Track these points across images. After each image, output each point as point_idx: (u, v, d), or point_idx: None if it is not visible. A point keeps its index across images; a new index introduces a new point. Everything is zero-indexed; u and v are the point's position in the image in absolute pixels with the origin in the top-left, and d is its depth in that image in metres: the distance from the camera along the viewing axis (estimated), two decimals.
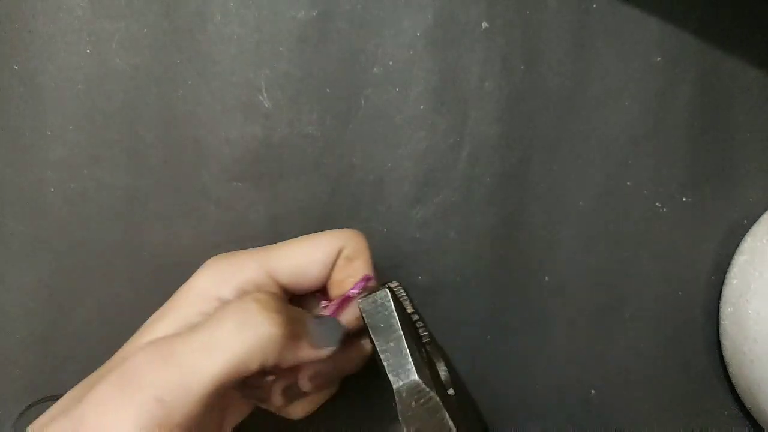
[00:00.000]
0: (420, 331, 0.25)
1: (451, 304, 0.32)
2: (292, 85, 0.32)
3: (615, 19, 0.32)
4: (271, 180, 0.32)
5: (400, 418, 0.22)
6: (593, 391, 0.32)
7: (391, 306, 0.22)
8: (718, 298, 0.32)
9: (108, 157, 0.32)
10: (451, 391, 0.24)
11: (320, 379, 0.26)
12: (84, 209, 0.32)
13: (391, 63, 0.32)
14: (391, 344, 0.22)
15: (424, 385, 0.21)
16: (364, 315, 0.23)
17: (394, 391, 0.22)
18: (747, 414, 0.32)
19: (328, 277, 0.26)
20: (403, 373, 0.21)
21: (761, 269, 0.29)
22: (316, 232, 0.28)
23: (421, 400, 0.21)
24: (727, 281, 0.31)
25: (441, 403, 0.21)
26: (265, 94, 0.32)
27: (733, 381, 0.31)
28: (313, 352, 0.23)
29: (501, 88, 0.32)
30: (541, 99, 0.32)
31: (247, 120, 0.32)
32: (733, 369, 0.31)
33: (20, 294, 0.32)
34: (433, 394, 0.21)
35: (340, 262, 0.26)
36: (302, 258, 0.26)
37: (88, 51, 0.31)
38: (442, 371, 0.24)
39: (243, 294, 0.24)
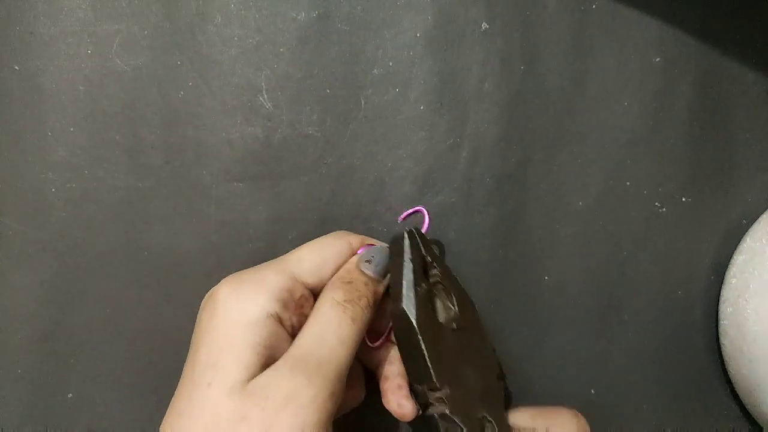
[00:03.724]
0: (434, 271, 0.28)
1: None
2: (292, 85, 0.32)
3: (614, 19, 0.32)
4: (271, 180, 0.32)
5: (394, 339, 0.26)
6: (593, 391, 0.32)
7: (403, 243, 0.27)
8: (718, 298, 0.32)
9: (109, 157, 0.32)
10: (454, 326, 0.27)
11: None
12: (85, 210, 0.32)
13: (391, 64, 0.32)
14: (396, 276, 0.26)
15: (406, 311, 0.25)
16: (390, 247, 0.28)
17: (390, 313, 0.26)
18: (746, 413, 0.32)
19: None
20: (397, 299, 0.25)
21: (760, 269, 0.29)
22: (317, 232, 0.29)
23: (405, 324, 0.25)
24: (726, 281, 0.31)
25: (417, 330, 0.25)
26: (265, 95, 0.32)
27: (733, 380, 0.31)
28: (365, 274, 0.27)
29: (500, 89, 0.32)
30: (540, 99, 0.32)
31: (247, 120, 0.32)
32: (732, 368, 0.31)
33: (22, 294, 0.32)
34: (413, 320, 0.25)
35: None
36: (322, 255, 0.27)
37: (89, 52, 0.31)
38: (448, 310, 0.27)
39: (282, 303, 0.25)
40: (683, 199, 0.32)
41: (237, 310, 0.24)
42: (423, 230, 0.28)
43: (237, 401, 0.22)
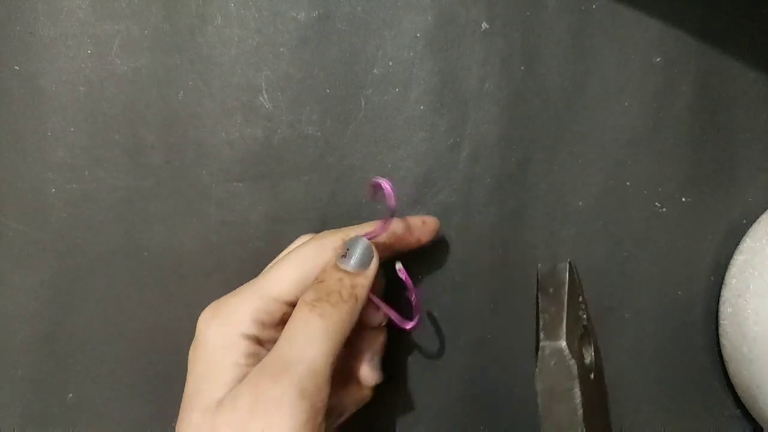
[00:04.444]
0: (581, 313, 0.26)
1: (451, 304, 0.32)
2: (292, 86, 0.32)
3: (615, 19, 0.32)
4: (271, 181, 0.32)
5: (535, 373, 0.24)
6: None
7: (566, 277, 0.25)
8: (718, 299, 0.32)
9: (109, 158, 0.32)
10: (591, 376, 0.25)
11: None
12: (85, 210, 0.32)
13: (391, 64, 0.32)
14: (553, 308, 0.24)
15: (567, 350, 0.23)
16: (539, 277, 0.26)
17: (540, 347, 0.24)
18: (746, 414, 0.32)
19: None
20: (554, 335, 0.23)
21: (760, 269, 0.29)
22: (317, 232, 0.29)
23: (560, 364, 0.23)
24: (726, 281, 0.31)
25: (576, 373, 0.22)
26: (265, 95, 0.32)
27: (733, 381, 0.31)
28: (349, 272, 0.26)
29: (501, 89, 0.32)
30: (540, 99, 0.32)
31: (247, 121, 0.32)
32: (732, 369, 0.31)
33: (22, 295, 0.32)
34: (572, 362, 0.22)
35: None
36: (302, 270, 0.26)
37: (89, 53, 0.31)
38: (588, 356, 0.26)
39: (260, 324, 0.25)
40: (683, 199, 0.32)
41: (214, 335, 0.25)
42: (392, 204, 0.26)
43: (210, 418, 0.22)
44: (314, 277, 0.26)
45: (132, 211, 0.32)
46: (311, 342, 0.23)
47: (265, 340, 0.25)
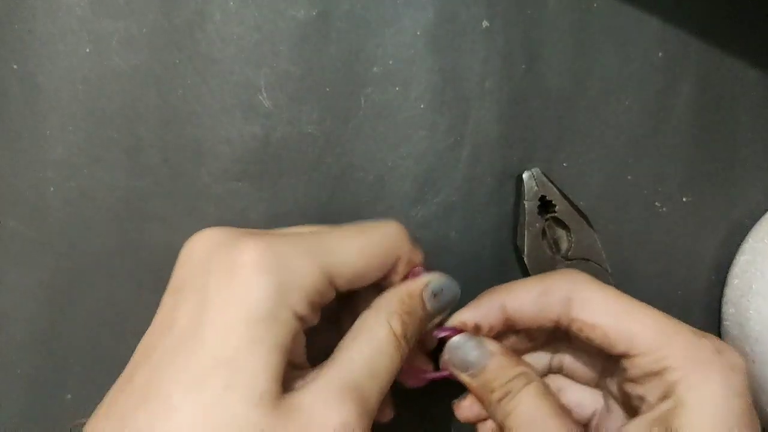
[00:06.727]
0: (551, 209, 0.31)
1: None
2: (291, 84, 0.32)
3: (616, 17, 0.32)
4: (271, 179, 0.32)
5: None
6: None
7: (524, 185, 0.31)
8: (720, 299, 0.32)
9: (107, 156, 0.31)
10: (568, 256, 0.31)
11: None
12: (84, 209, 0.32)
13: (391, 62, 0.32)
14: (516, 216, 0.31)
15: (519, 248, 0.31)
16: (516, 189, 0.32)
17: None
18: None
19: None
20: (515, 238, 0.31)
21: (763, 270, 0.29)
22: None
23: (522, 258, 0.31)
24: (728, 281, 0.31)
25: (526, 262, 0.30)
26: (264, 94, 0.32)
27: None
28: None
29: (501, 88, 0.32)
30: (541, 98, 0.32)
31: (246, 119, 0.31)
32: None
33: (20, 294, 0.32)
34: (523, 255, 0.30)
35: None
36: (367, 261, 0.23)
37: (88, 50, 0.31)
38: (567, 241, 0.31)
39: (310, 306, 0.21)
40: (684, 199, 0.32)
41: (264, 300, 0.20)
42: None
43: (269, 416, 0.19)
44: (373, 275, 0.24)
45: (130, 210, 0.32)
46: (390, 381, 0.23)
47: (307, 322, 0.22)
